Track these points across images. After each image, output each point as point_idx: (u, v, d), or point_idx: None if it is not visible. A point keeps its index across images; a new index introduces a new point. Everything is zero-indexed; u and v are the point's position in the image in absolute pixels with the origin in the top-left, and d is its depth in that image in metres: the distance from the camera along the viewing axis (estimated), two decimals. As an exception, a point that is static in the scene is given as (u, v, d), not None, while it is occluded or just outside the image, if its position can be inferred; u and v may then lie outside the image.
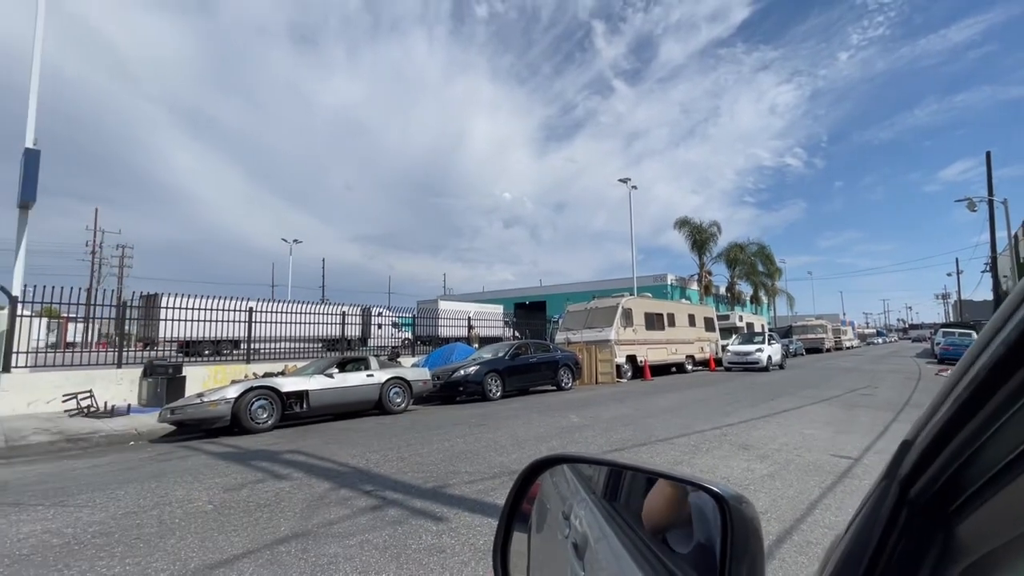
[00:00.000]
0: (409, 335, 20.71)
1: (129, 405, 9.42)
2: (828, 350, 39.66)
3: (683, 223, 36.83)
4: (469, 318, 19.23)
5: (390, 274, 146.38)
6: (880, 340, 70.49)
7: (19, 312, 9.26)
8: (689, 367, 19.68)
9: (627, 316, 17.04)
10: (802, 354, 34.20)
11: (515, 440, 6.43)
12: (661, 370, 18.63)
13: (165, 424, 7.64)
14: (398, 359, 14.15)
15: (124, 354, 10.72)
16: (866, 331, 73.34)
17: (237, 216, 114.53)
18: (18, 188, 9.52)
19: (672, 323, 19.28)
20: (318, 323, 14.32)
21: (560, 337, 17.52)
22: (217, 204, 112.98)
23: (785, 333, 36.76)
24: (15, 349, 9.15)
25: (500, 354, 12.82)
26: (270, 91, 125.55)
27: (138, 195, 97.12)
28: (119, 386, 10.04)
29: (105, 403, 9.17)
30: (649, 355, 17.43)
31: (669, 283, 39.29)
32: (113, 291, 11.71)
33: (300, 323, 13.82)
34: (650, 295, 21.00)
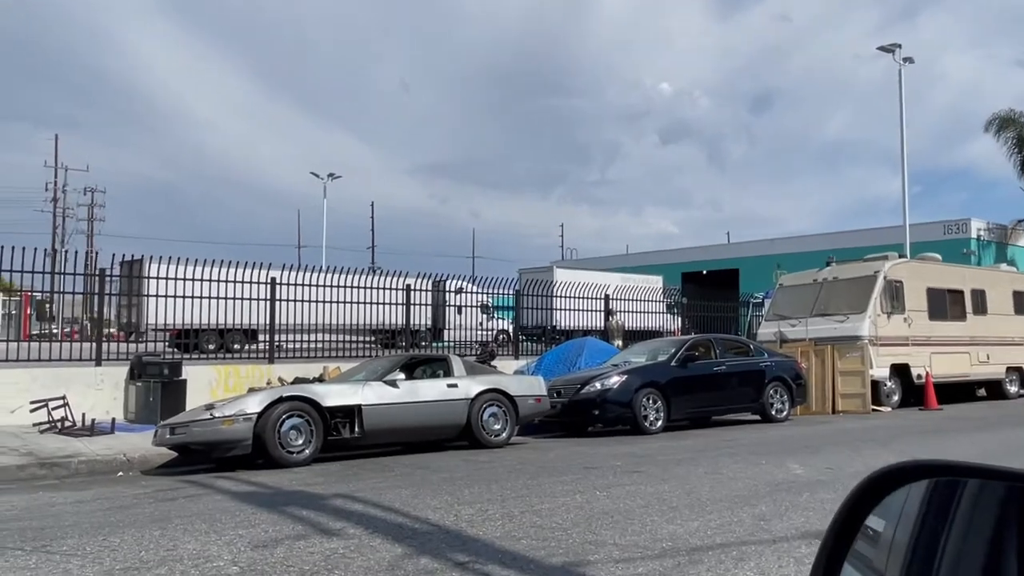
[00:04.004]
0: (507, 324, 21.34)
1: (114, 420, 10.87)
2: None
3: (1004, 122, 33.34)
4: (606, 297, 19.31)
5: (474, 226, 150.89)
6: None
7: (-27, 284, 11.03)
8: (1012, 388, 18.64)
9: (893, 294, 16.42)
10: None
11: (693, 499, 6.47)
12: (955, 391, 17.68)
13: (163, 448, 8.71)
14: (493, 361, 14.67)
15: (102, 347, 12.34)
16: None
17: (245, 140, 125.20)
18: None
19: (980, 308, 18.34)
20: (370, 302, 15.24)
21: (766, 331, 17.43)
22: (216, 122, 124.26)
23: None
24: (-30, 336, 10.95)
25: (661, 357, 12.86)
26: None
27: (108, 112, 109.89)
28: (99, 391, 11.61)
29: (83, 415, 10.67)
30: (934, 364, 16.61)
31: (974, 236, 36.11)
32: (81, 254, 13.47)
33: (344, 302, 14.81)
34: (938, 257, 19.72)
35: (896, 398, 16.04)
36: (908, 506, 0.97)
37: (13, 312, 22.37)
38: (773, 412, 13.32)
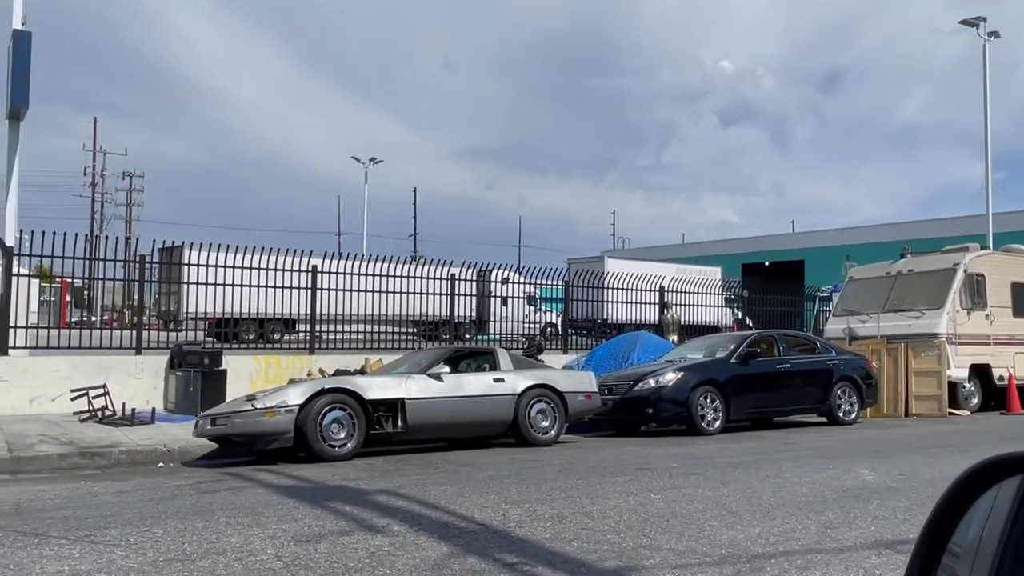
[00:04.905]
0: (555, 317, 21.35)
1: (154, 409, 11.24)
2: None
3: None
4: (661, 289, 19.20)
5: (520, 213, 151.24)
6: None
7: (15, 270, 11.45)
8: (1107, 393, 17.89)
9: (974, 289, 16.17)
10: None
11: (754, 504, 6.45)
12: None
13: (203, 439, 9.00)
14: (540, 355, 14.74)
15: (142, 335, 12.72)
16: None
17: (285, 123, 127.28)
18: (6, 89, 11.64)
19: (1072, 304, 17.71)
20: (413, 292, 15.40)
21: (834, 327, 17.35)
22: (255, 105, 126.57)
23: None
24: (12, 322, 11.39)
25: (720, 353, 12.83)
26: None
27: (148, 96, 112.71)
28: (139, 380, 11.99)
29: (123, 405, 11.04)
30: (1019, 365, 16.40)
31: (1065, 226, 34.93)
32: (120, 240, 13.87)
33: (386, 292, 15.00)
34: (1023, 248, 19.05)
35: (975, 401, 15.84)
36: (998, 504, 0.97)
37: (52, 299, 23.24)
38: (840, 414, 13.18)
